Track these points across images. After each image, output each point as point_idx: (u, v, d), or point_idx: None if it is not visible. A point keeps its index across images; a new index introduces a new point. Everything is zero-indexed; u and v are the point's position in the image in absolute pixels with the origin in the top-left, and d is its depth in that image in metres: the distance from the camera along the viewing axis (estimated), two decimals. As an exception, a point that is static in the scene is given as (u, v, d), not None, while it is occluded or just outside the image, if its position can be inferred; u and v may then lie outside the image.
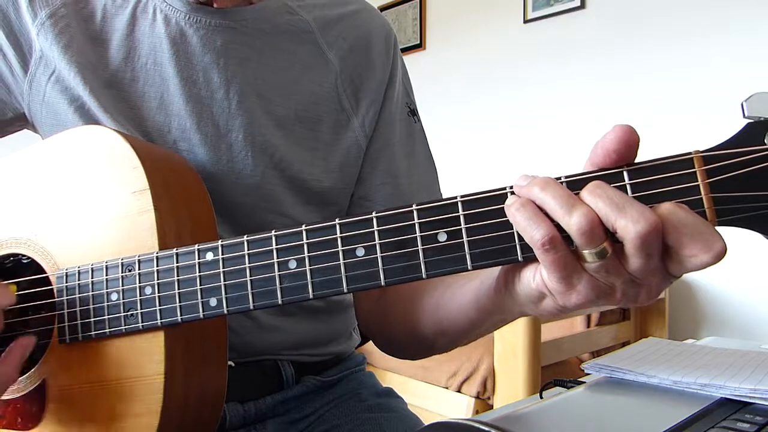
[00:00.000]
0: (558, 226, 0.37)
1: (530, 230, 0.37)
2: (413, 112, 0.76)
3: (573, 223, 0.36)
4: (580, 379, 0.54)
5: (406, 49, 3.17)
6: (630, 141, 0.37)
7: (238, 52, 0.65)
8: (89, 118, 0.62)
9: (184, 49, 0.64)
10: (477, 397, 1.79)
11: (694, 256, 0.35)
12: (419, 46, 3.17)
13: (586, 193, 0.37)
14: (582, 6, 2.51)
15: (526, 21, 2.71)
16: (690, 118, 2.19)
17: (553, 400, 0.49)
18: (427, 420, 0.53)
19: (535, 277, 0.40)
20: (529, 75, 2.70)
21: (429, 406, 1.91)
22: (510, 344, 1.63)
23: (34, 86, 0.64)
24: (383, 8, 3.34)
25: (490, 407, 1.77)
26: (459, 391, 1.85)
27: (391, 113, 0.73)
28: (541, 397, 0.51)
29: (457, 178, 2.72)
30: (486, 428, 0.37)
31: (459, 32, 2.99)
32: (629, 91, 2.37)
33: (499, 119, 2.80)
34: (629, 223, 0.34)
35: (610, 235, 0.36)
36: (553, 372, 1.71)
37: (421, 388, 1.97)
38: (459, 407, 1.83)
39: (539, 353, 1.61)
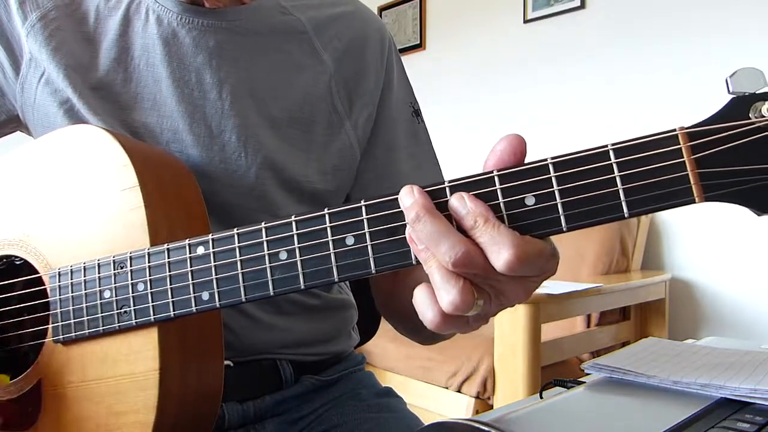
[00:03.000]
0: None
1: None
2: (417, 113, 0.76)
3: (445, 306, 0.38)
4: (580, 379, 0.54)
5: (406, 49, 3.17)
6: (518, 149, 0.39)
7: (230, 52, 0.65)
8: (78, 121, 0.62)
9: (177, 49, 0.63)
10: (477, 397, 1.78)
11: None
12: (419, 46, 3.17)
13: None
14: (582, 6, 2.51)
15: (526, 21, 2.70)
16: (690, 117, 2.18)
17: (553, 400, 0.48)
18: (427, 420, 0.53)
19: None
20: (529, 75, 2.70)
21: (429, 406, 1.90)
22: (510, 344, 1.63)
23: (26, 89, 0.64)
24: (383, 8, 3.34)
25: (490, 407, 1.76)
26: (459, 391, 1.84)
27: (391, 116, 0.73)
28: (541, 397, 0.50)
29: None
30: (486, 428, 0.37)
31: (459, 32, 2.99)
32: (629, 91, 2.37)
33: (499, 119, 2.80)
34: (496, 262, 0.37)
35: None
36: (553, 372, 1.70)
37: (421, 388, 1.97)
38: (459, 407, 1.82)
39: (539, 353, 1.61)
